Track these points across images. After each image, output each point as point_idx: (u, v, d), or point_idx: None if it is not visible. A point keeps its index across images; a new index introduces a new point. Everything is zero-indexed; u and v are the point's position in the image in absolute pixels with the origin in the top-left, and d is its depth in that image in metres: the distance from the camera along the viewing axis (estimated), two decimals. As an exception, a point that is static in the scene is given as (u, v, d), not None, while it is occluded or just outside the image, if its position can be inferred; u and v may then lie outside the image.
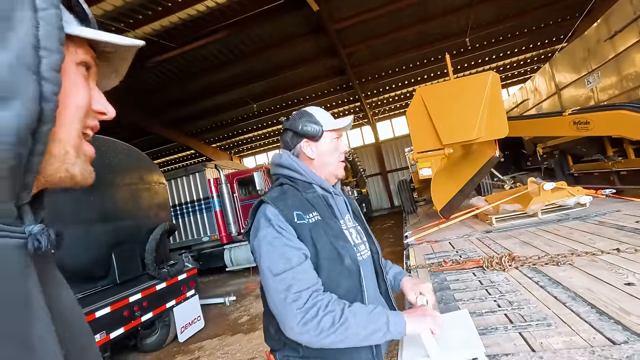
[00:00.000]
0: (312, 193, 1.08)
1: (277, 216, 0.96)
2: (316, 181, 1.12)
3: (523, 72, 14.83)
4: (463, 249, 3.03)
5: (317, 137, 1.14)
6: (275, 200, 1.01)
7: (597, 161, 6.14)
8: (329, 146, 1.16)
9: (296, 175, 1.12)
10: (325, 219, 1.03)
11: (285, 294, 0.90)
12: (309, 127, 1.12)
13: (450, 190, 4.21)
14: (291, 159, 1.14)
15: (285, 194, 1.04)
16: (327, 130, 1.16)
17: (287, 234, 0.94)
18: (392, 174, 17.53)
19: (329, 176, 1.17)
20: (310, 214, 1.01)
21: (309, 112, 1.18)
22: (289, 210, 0.98)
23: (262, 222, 0.97)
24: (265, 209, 1.00)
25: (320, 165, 1.15)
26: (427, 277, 2.40)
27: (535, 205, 3.60)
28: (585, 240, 2.50)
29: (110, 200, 3.87)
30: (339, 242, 1.01)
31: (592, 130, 3.97)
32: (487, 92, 3.44)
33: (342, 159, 1.20)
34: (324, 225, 1.01)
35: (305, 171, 1.12)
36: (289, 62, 11.31)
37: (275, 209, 0.98)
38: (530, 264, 2.14)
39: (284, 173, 1.13)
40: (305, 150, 1.15)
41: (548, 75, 6.41)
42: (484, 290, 1.91)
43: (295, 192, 1.06)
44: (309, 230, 0.97)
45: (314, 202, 1.05)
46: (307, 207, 1.02)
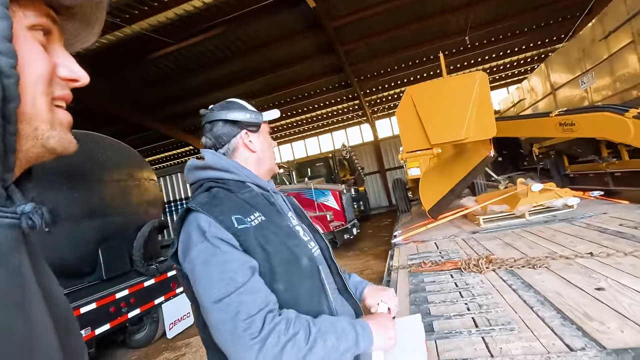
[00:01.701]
0: (248, 192, 0.96)
1: (212, 225, 0.83)
2: (251, 179, 1.01)
3: (523, 72, 14.73)
4: (446, 249, 3.02)
5: (258, 127, 1.04)
6: (207, 206, 0.87)
7: (592, 162, 6.12)
8: (267, 140, 1.07)
9: (226, 175, 0.98)
10: (271, 218, 0.92)
11: (234, 323, 0.76)
12: (250, 115, 1.00)
13: (439, 190, 4.20)
14: (217, 156, 1.01)
15: (217, 198, 0.90)
16: (264, 122, 1.06)
17: (226, 247, 0.81)
18: (391, 172, 17.49)
19: (265, 173, 1.08)
20: (251, 216, 0.89)
21: (238, 102, 1.07)
22: (225, 215, 0.85)
23: (193, 237, 0.83)
24: (196, 219, 0.86)
25: (258, 160, 1.05)
26: (406, 278, 2.39)
27: (523, 206, 3.58)
28: (567, 242, 2.49)
29: (97, 196, 3.86)
30: (292, 241, 0.92)
31: (577, 132, 3.95)
32: (475, 92, 3.42)
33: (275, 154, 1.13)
34: (270, 225, 0.90)
35: (237, 169, 1.00)
36: (286, 59, 11.26)
37: (209, 216, 0.84)
38: (507, 267, 2.13)
39: (209, 175, 0.99)
40: (247, 142, 1.03)
41: (543, 75, 6.37)
42: (457, 293, 1.90)
43: (228, 195, 0.93)
44: (254, 234, 0.86)
45: (253, 202, 0.94)
46: (246, 208, 0.90)
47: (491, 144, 4.95)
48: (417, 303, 1.85)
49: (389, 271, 2.72)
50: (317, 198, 7.82)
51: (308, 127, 17.87)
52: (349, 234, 7.73)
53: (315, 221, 7.40)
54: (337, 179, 12.71)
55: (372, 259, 7.09)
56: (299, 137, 18.67)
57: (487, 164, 5.73)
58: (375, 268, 6.25)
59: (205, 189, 0.98)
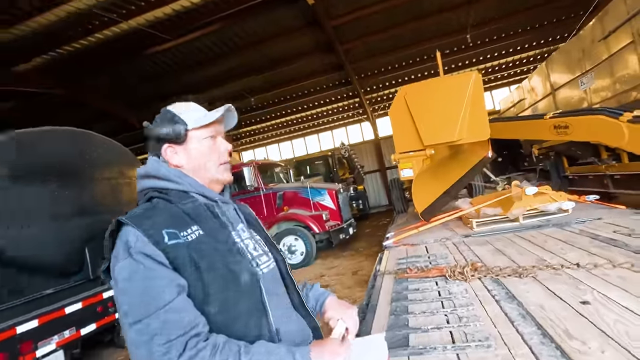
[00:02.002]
0: (191, 203, 0.91)
1: (139, 239, 0.78)
2: (195, 189, 0.95)
3: (525, 71, 14.54)
4: (436, 254, 2.95)
5: (180, 139, 0.96)
6: (137, 218, 0.82)
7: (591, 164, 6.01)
8: (201, 148, 0.98)
9: (168, 185, 0.93)
10: (211, 232, 0.87)
11: (149, 347, 0.70)
12: (167, 129, 0.94)
13: (433, 191, 4.12)
14: (159, 164, 0.96)
15: (153, 209, 0.86)
16: (193, 129, 0.97)
17: (151, 263, 0.75)
18: (391, 171, 17.38)
19: (209, 183, 1.00)
20: (187, 230, 0.84)
21: (169, 110, 1.00)
22: (155, 229, 0.80)
23: (119, 253, 0.78)
24: (124, 233, 0.80)
25: (193, 172, 0.97)
26: (391, 284, 2.32)
27: (516, 210, 3.50)
28: (557, 249, 2.42)
29: (86, 194, 3.81)
30: (232, 258, 0.86)
31: (571, 135, 3.86)
32: (469, 93, 3.34)
33: (225, 160, 1.01)
34: (209, 240, 0.85)
35: (179, 177, 0.94)
36: (285, 56, 11.16)
37: (138, 229, 0.78)
38: (493, 275, 2.06)
39: (152, 185, 0.94)
40: (170, 157, 0.97)
41: (544, 74, 6.27)
42: (439, 303, 1.83)
43: (168, 206, 0.88)
44: (188, 251, 0.80)
45: (194, 213, 0.88)
46: (183, 221, 0.85)
47: (489, 144, 4.86)
48: (397, 313, 1.78)
49: (374, 276, 2.65)
50: (313, 197, 7.74)
51: (308, 124, 17.77)
52: (344, 234, 7.66)
53: (310, 220, 7.34)
54: (336, 177, 12.62)
55: (366, 260, 7.03)
56: (299, 135, 18.57)
57: (485, 164, 5.64)
58: (368, 269, 6.19)
59: (147, 199, 0.93)
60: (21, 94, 9.36)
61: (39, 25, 7.67)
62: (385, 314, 1.82)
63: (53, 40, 8.25)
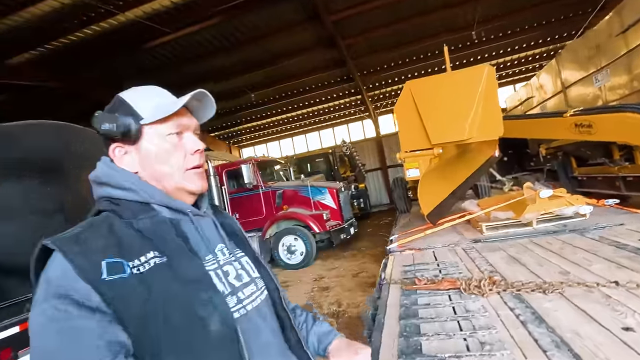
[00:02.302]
0: (149, 219, 0.69)
1: (66, 274, 0.57)
2: (157, 199, 0.73)
3: (531, 69, 14.29)
4: (445, 261, 2.74)
5: (130, 136, 0.73)
6: (67, 242, 0.60)
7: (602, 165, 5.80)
8: (158, 148, 0.74)
9: (122, 194, 0.72)
10: (173, 259, 0.65)
11: None
12: (110, 123, 0.72)
13: (440, 193, 3.91)
14: (111, 168, 0.75)
15: (93, 229, 0.65)
16: (150, 124, 0.74)
17: (77, 310, 0.55)
18: (393, 169, 17.18)
19: (174, 192, 0.76)
20: (140, 257, 0.63)
21: (120, 99, 0.77)
22: (91, 257, 0.59)
23: (37, 293, 0.58)
24: (50, 263, 0.60)
25: (152, 178, 0.75)
26: (398, 296, 2.12)
27: (530, 214, 3.30)
28: (580, 259, 2.21)
29: (72, 191, 3.61)
30: (199, 296, 0.64)
31: (595, 135, 3.62)
32: (481, 88, 3.11)
33: (193, 163, 0.77)
34: (168, 271, 0.63)
35: (134, 185, 0.72)
36: (286, 51, 10.91)
37: (66, 258, 0.57)
38: (514, 290, 1.85)
39: (106, 193, 0.73)
40: (118, 160, 0.75)
41: (554, 71, 6.03)
42: (455, 323, 1.63)
43: (115, 223, 0.67)
44: (136, 289, 0.59)
45: (151, 233, 0.67)
46: (134, 245, 0.64)
47: (496, 143, 4.65)
48: (407, 334, 1.58)
49: (379, 286, 2.45)
50: (313, 196, 7.54)
51: (309, 121, 17.55)
52: (345, 234, 7.46)
53: (311, 220, 7.14)
54: (337, 175, 12.42)
55: (369, 261, 6.85)
56: (300, 132, 18.36)
57: (492, 164, 5.43)
58: (371, 270, 6.00)
59: (95, 213, 0.72)
60: (15, 87, 9.13)
61: (33, 16, 7.43)
62: (394, 334, 1.62)
63: (48, 32, 8.01)
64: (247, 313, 0.72)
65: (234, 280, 0.75)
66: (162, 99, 0.78)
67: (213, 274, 0.71)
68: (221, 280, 0.72)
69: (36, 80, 8.87)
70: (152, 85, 0.81)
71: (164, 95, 0.80)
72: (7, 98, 9.84)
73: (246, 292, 0.75)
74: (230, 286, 0.73)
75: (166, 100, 0.78)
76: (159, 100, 0.77)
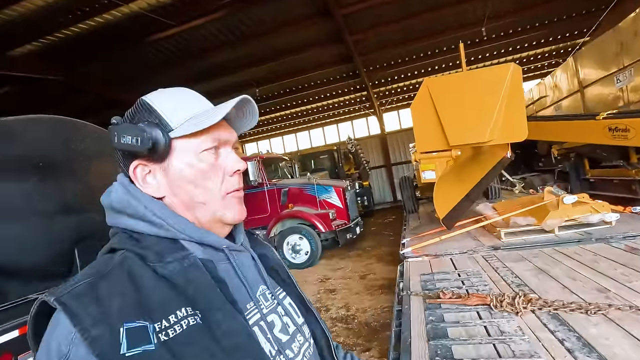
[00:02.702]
0: (177, 263, 0.53)
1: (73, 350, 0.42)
2: (188, 234, 0.58)
3: (540, 67, 14.07)
4: (466, 270, 2.60)
5: (157, 152, 0.57)
6: (78, 302, 0.45)
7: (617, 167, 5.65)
8: (195, 166, 0.59)
9: (142, 227, 0.57)
10: (211, 317, 0.50)
11: None
12: (135, 137, 0.56)
13: (455, 195, 3.76)
14: (129, 192, 0.59)
15: (109, 278, 0.49)
16: (182, 137, 0.59)
17: None
18: (397, 167, 17.02)
19: (208, 223, 0.61)
20: (169, 318, 0.47)
21: (145, 104, 0.61)
22: (107, 325, 0.44)
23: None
24: (53, 327, 0.46)
25: (184, 205, 0.60)
26: (421, 311, 1.98)
27: (552, 220, 3.14)
28: (617, 275, 2.06)
29: (73, 190, 3.47)
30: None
31: (632, 140, 3.41)
32: (506, 87, 2.94)
33: (235, 186, 0.62)
34: (205, 335, 0.48)
35: (160, 217, 0.57)
36: (293, 46, 10.72)
37: (75, 327, 0.43)
38: (551, 309, 1.70)
39: (121, 223, 0.58)
40: (141, 182, 0.60)
41: (571, 70, 5.85)
42: (491, 347, 1.48)
43: (136, 269, 0.51)
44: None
45: (183, 282, 0.51)
46: (161, 300, 0.49)
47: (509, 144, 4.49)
48: (439, 358, 1.44)
49: (399, 297, 2.31)
50: (319, 194, 7.40)
51: (313, 117, 17.38)
52: (351, 234, 7.34)
53: (316, 219, 7.00)
54: (342, 173, 12.28)
55: (376, 261, 6.73)
56: (304, 128, 18.19)
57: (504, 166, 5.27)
58: (378, 272, 5.88)
59: (107, 250, 0.56)
60: (18, 80, 8.98)
61: (36, 7, 7.27)
62: (424, 357, 1.48)
63: (51, 23, 7.85)
64: None
65: (280, 335, 0.60)
66: (196, 105, 0.62)
67: (257, 329, 0.56)
68: (266, 335, 0.57)
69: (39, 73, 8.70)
70: (181, 88, 0.65)
71: (198, 101, 0.63)
72: (9, 90, 9.69)
73: (294, 349, 0.60)
74: (277, 343, 0.58)
75: (201, 106, 0.62)
76: (193, 107, 0.61)
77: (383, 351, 3.21)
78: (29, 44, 8.29)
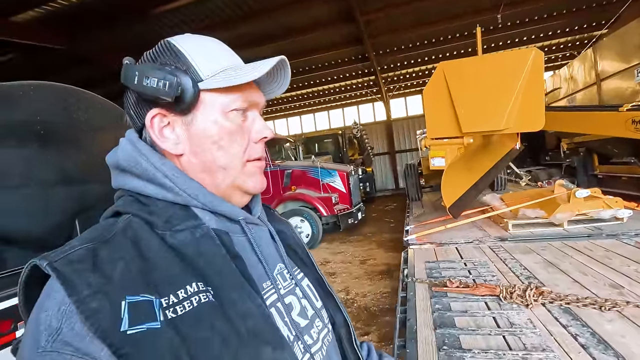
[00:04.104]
0: (189, 232, 0.47)
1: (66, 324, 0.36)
2: (201, 200, 0.51)
3: (554, 59, 13.71)
4: (472, 260, 2.55)
5: (183, 102, 0.49)
6: (75, 269, 0.38)
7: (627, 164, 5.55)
8: (223, 125, 0.51)
9: (151, 190, 0.49)
10: (224, 294, 0.43)
11: None
12: (158, 79, 0.47)
13: (462, 184, 3.69)
14: (138, 149, 0.51)
15: (111, 244, 0.42)
16: (211, 90, 0.50)
17: None
18: (401, 154, 16.87)
19: (226, 190, 0.54)
20: (177, 292, 0.41)
21: (173, 47, 0.51)
22: (107, 297, 0.37)
23: (26, 340, 0.37)
24: (45, 295, 0.39)
25: (203, 168, 0.52)
26: (427, 299, 1.93)
27: (561, 214, 3.08)
28: (630, 272, 2.00)
29: (75, 160, 3.41)
30: (262, 354, 0.42)
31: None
32: (526, 73, 2.82)
33: (258, 153, 0.55)
34: (217, 315, 0.41)
35: (173, 180, 0.50)
36: (303, 25, 10.44)
37: (69, 296, 0.36)
38: (563, 303, 1.66)
39: (127, 184, 0.51)
40: (158, 135, 0.51)
41: (589, 62, 5.66)
42: (500, 338, 1.44)
43: (142, 235, 0.45)
44: (171, 346, 0.37)
45: (193, 252, 0.45)
46: (169, 271, 0.42)
47: (518, 135, 4.39)
48: (447, 348, 1.40)
49: (404, 284, 2.27)
50: (322, 178, 7.32)
51: (319, 100, 17.14)
52: (353, 218, 7.30)
53: (319, 202, 6.96)
54: (345, 157, 12.18)
55: (376, 247, 6.71)
56: (308, 111, 17.97)
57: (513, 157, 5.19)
58: (379, 258, 5.87)
59: (111, 214, 0.49)
60: (22, 47, 8.77)
61: (39, -29, 7.06)
62: (431, 345, 1.44)
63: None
64: None
65: (298, 318, 0.53)
66: (228, 58, 0.54)
67: (274, 310, 0.50)
68: (283, 318, 0.51)
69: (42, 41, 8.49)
70: (210, 37, 0.56)
71: (230, 54, 0.55)
72: (14, 58, 9.49)
73: (313, 335, 0.54)
74: (295, 327, 0.51)
75: (233, 61, 0.54)
76: (225, 60, 0.53)
77: (382, 335, 3.20)
78: (32, 10, 8.06)
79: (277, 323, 0.48)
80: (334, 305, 0.63)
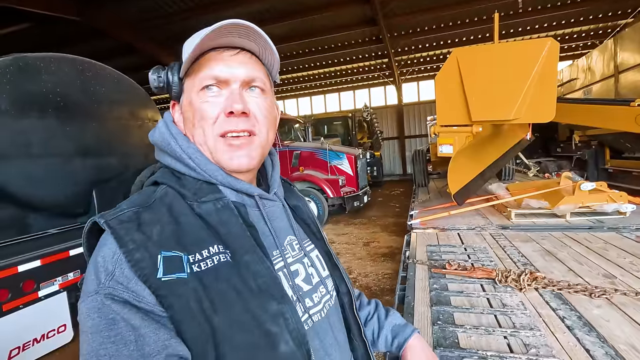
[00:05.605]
0: (212, 203, 0.56)
1: (118, 269, 0.45)
2: (220, 180, 0.59)
3: (574, 47, 13.31)
4: (473, 246, 2.63)
5: (171, 92, 0.63)
6: (124, 226, 0.48)
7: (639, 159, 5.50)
8: (195, 104, 0.59)
9: (182, 168, 0.59)
10: (240, 256, 0.52)
11: None
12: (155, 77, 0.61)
13: (469, 172, 3.73)
14: (167, 131, 0.62)
15: (152, 209, 0.52)
16: (187, 76, 0.61)
17: (132, 316, 0.43)
18: (410, 140, 16.77)
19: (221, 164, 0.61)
20: (202, 251, 0.50)
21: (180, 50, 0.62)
22: (148, 250, 0.47)
23: (87, 283, 0.46)
24: (101, 246, 0.48)
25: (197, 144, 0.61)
26: (426, 279, 2.03)
27: (565, 205, 3.12)
28: (625, 263, 2.07)
29: (92, 133, 3.51)
30: (269, 307, 0.50)
31: None
32: (539, 64, 2.81)
33: (228, 127, 0.58)
34: (233, 272, 0.51)
35: (193, 160, 0.59)
36: (316, 3, 10.24)
37: (121, 249, 0.46)
38: (554, 289, 1.74)
39: (164, 162, 0.62)
40: (174, 118, 0.65)
41: (609, 53, 5.53)
42: (492, 317, 1.53)
43: (175, 204, 0.54)
44: (197, 292, 0.47)
45: (217, 221, 0.54)
46: (196, 235, 0.52)
47: (529, 125, 4.37)
48: (441, 323, 1.50)
49: (405, 264, 2.37)
50: (330, 160, 7.39)
51: (330, 81, 16.95)
52: (359, 201, 7.40)
53: (326, 184, 7.05)
54: (354, 141, 12.17)
55: (380, 230, 6.83)
56: (319, 92, 17.83)
57: (522, 147, 5.18)
58: (382, 241, 5.99)
59: (151, 183, 0.59)
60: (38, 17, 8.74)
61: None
62: (427, 321, 1.54)
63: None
64: (313, 325, 0.60)
65: (301, 283, 0.62)
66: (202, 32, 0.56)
67: (281, 274, 0.59)
68: (288, 282, 0.60)
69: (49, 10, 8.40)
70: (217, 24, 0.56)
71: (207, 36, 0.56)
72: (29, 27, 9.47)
73: (315, 299, 0.63)
74: (298, 291, 0.60)
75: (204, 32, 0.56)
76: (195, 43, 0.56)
77: (381, 314, 3.34)
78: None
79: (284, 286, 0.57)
80: (339, 276, 0.72)
